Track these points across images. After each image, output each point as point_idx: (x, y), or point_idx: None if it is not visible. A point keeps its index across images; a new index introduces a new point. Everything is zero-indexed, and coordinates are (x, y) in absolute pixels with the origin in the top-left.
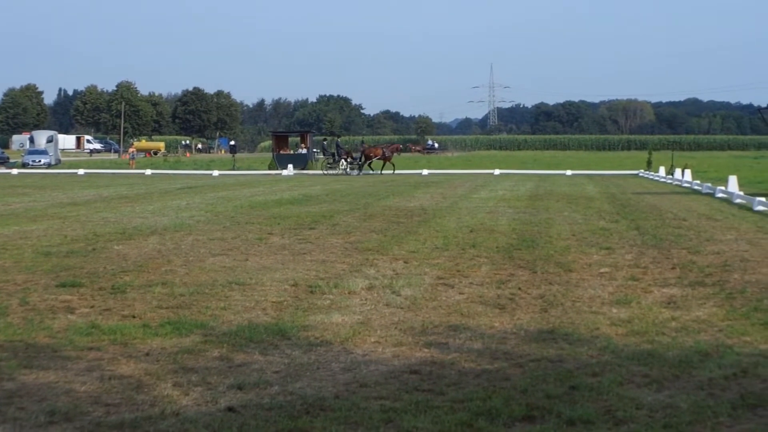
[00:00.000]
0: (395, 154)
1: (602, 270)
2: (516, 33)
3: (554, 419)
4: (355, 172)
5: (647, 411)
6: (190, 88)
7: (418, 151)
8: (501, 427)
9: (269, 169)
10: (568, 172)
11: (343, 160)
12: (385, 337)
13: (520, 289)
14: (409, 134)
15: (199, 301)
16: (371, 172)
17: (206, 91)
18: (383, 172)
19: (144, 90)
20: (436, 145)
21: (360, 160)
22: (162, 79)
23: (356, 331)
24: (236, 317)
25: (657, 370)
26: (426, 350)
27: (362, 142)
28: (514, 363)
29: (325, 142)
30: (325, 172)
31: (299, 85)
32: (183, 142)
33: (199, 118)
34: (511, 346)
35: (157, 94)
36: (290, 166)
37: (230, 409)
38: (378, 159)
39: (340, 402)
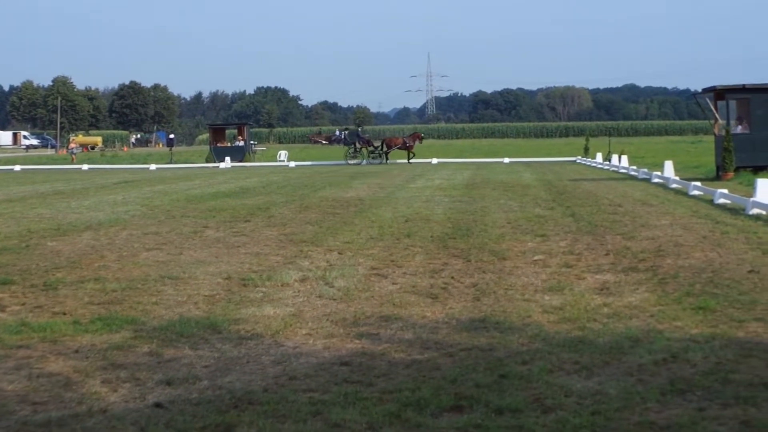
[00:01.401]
0: (417, 142)
1: (536, 257)
2: (453, 21)
3: (482, 408)
4: (377, 161)
5: (576, 398)
6: (127, 82)
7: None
8: (429, 417)
9: (206, 162)
10: (506, 160)
11: (364, 150)
12: (316, 329)
13: (453, 278)
14: (347, 124)
15: (131, 296)
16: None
17: (143, 84)
18: (410, 161)
19: (80, 84)
20: (343, 135)
21: (381, 149)
22: (98, 73)
23: (287, 324)
24: (168, 312)
25: (587, 356)
26: (357, 341)
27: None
28: (444, 353)
29: (346, 132)
30: (348, 162)
31: (237, 77)
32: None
33: (136, 111)
34: (442, 335)
35: (93, 88)
36: (228, 158)
37: (158, 405)
38: (400, 148)
39: (269, 395)
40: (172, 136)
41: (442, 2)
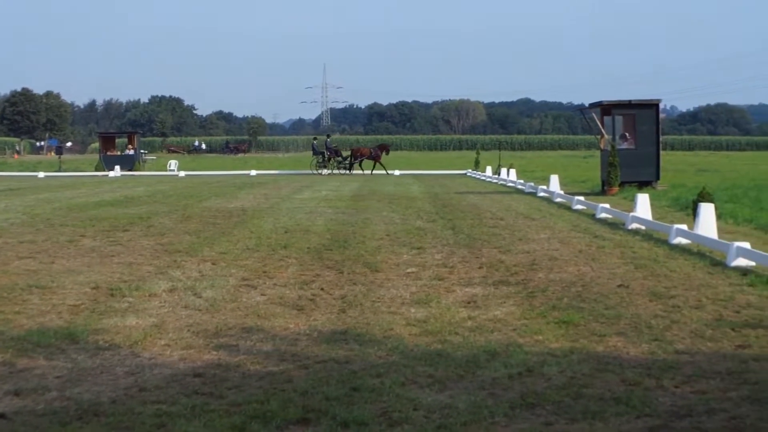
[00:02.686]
0: (384, 153)
1: (409, 270)
2: (349, 33)
3: (329, 421)
4: (343, 171)
5: (424, 412)
6: (19, 89)
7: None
8: (274, 430)
9: (96, 170)
10: (396, 172)
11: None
12: (176, 339)
13: (322, 289)
14: (242, 135)
15: None
16: (362, 172)
17: (35, 91)
18: (373, 172)
19: None
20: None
21: (350, 160)
22: None
23: (148, 334)
24: (29, 321)
25: (442, 370)
26: (214, 353)
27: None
28: (300, 365)
29: (315, 142)
30: (314, 171)
31: (131, 85)
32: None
33: (28, 119)
34: (301, 347)
35: None
36: (117, 167)
37: (1, 415)
38: (368, 159)
39: (116, 407)
40: (69, 143)
41: (338, 14)
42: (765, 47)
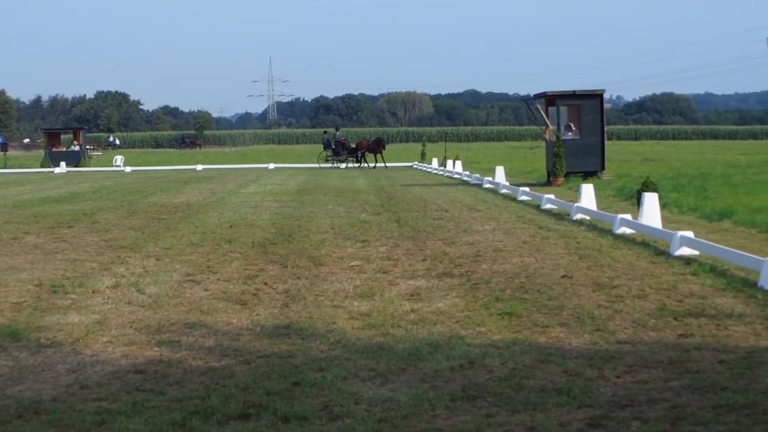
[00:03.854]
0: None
1: (353, 263)
2: (295, 26)
3: (270, 416)
4: (354, 164)
5: (366, 405)
6: None
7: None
8: (214, 425)
9: (42, 166)
10: (342, 165)
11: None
12: (118, 336)
13: (266, 284)
14: (188, 129)
15: None
16: (367, 165)
17: None
18: (375, 166)
19: None
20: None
21: (359, 154)
22: None
23: (90, 331)
24: None
25: (384, 363)
26: (156, 349)
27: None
28: (242, 360)
29: (326, 135)
30: (321, 165)
31: (76, 81)
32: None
33: None
34: (243, 342)
35: None
36: (63, 163)
37: None
38: (369, 152)
39: (57, 405)
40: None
41: (284, 7)
42: (711, 36)
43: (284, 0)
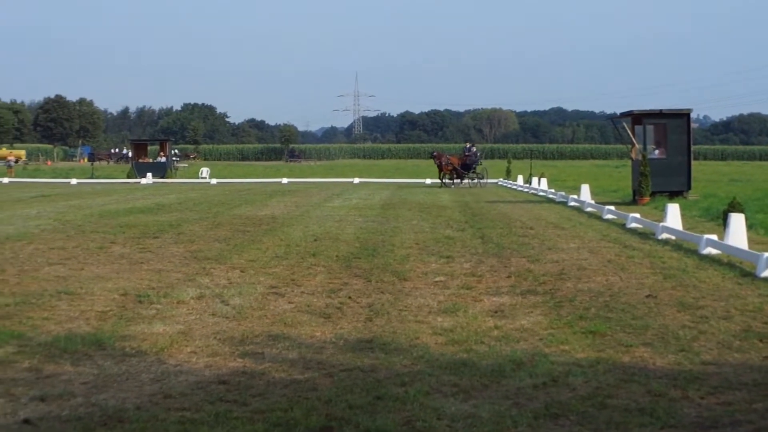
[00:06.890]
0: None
1: (437, 279)
2: (381, 41)
3: (352, 430)
4: (459, 182)
5: (448, 421)
6: (52, 96)
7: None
8: None
9: (128, 177)
10: (428, 181)
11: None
12: (202, 347)
13: (350, 298)
14: (274, 143)
15: (24, 311)
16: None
17: (68, 98)
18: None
19: (5, 97)
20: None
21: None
22: (24, 86)
23: (174, 341)
24: (57, 327)
25: (467, 379)
26: (240, 360)
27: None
28: (325, 373)
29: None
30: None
31: (164, 93)
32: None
33: (61, 126)
34: (326, 355)
35: (18, 101)
36: (149, 174)
37: (26, 421)
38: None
39: (140, 413)
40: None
41: (371, 23)
42: None
43: (371, 15)
